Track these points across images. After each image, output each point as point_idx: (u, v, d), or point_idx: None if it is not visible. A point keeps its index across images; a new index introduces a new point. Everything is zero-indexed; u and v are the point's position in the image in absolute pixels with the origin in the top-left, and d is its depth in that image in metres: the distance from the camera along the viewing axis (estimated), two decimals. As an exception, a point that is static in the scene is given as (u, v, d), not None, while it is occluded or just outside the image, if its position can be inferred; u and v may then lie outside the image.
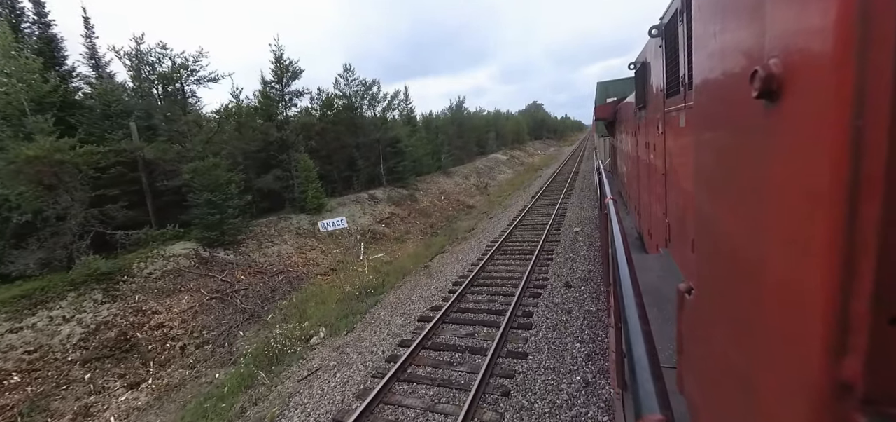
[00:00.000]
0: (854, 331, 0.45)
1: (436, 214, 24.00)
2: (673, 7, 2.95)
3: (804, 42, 0.50)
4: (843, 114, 0.43)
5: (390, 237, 19.59)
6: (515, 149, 57.65)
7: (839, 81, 0.44)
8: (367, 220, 20.43)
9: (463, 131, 42.40)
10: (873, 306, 0.44)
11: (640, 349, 0.85)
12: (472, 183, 32.31)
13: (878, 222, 0.42)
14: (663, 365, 0.87)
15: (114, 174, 13.92)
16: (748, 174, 0.70)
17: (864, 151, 0.42)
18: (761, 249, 0.65)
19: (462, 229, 19.19)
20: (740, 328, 0.75)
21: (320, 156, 23.65)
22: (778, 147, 0.58)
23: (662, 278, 2.84)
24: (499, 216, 19.17)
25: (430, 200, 25.86)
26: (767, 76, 0.56)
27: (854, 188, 0.44)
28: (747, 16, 0.67)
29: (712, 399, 0.95)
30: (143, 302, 10.74)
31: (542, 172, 36.02)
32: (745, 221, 0.72)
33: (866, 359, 0.45)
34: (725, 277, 0.84)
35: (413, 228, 21.15)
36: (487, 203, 26.27)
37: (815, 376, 0.49)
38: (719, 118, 0.86)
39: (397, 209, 22.89)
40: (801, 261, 0.52)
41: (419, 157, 29.91)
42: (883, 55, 0.40)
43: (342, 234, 18.36)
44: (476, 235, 16.32)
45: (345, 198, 22.03)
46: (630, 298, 1.11)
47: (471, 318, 7.59)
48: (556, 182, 25.84)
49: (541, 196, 21.11)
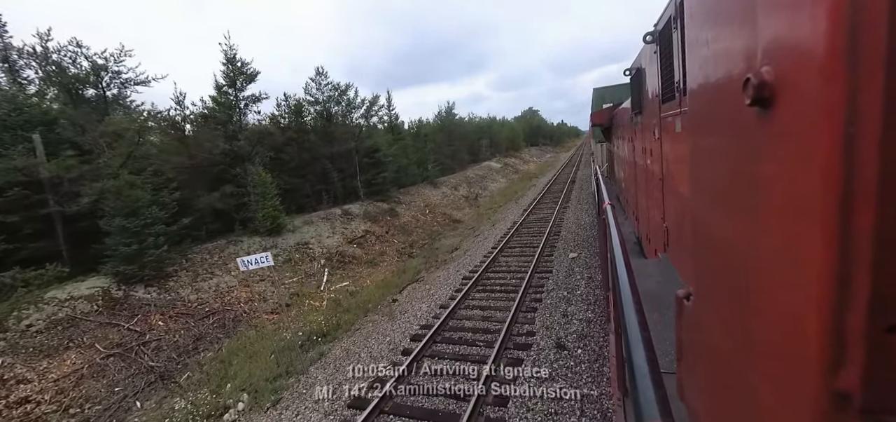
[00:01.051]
0: (850, 342, 0.45)
1: (417, 230, 21.51)
2: (667, 13, 2.96)
3: (795, 50, 0.50)
4: (835, 122, 0.43)
5: (362, 260, 17.07)
6: (510, 156, 55.40)
7: (830, 89, 0.43)
8: (336, 240, 17.91)
9: (453, 139, 40.08)
10: (869, 317, 0.43)
11: (640, 356, 0.87)
12: (461, 194, 29.90)
13: (872, 232, 0.42)
14: (664, 371, 0.89)
15: (13, 197, 11.43)
16: (742, 182, 0.70)
17: (857, 159, 0.42)
18: (757, 258, 0.65)
19: (444, 249, 16.74)
20: (738, 336, 0.75)
21: (289, 168, 21.22)
22: (771, 155, 0.58)
23: (662, 283, 2.79)
24: (485, 234, 16.74)
25: (413, 215, 23.40)
26: (760, 84, 0.56)
27: (847, 198, 0.43)
28: (739, 23, 0.67)
29: (712, 407, 0.94)
30: (8, 367, 8.18)
31: (536, 181, 33.67)
32: (740, 229, 0.72)
33: (863, 369, 0.44)
34: (723, 284, 0.83)
35: (390, 248, 18.64)
36: (476, 217, 23.83)
37: (813, 386, 0.49)
38: (713, 125, 0.86)
39: (374, 226, 20.41)
40: (796, 271, 0.52)
41: (403, 166, 27.53)
42: (873, 63, 0.40)
43: (303, 258, 15.84)
44: (456, 260, 13.85)
45: (314, 215, 19.54)
46: (629, 304, 1.13)
47: (420, 408, 5.09)
48: (550, 192, 23.45)
49: (534, 209, 18.71)
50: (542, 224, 14.91)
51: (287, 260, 15.48)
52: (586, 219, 14.81)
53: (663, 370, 0.86)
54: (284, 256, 15.61)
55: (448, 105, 41.68)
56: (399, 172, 26.57)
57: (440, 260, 14.83)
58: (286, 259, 15.52)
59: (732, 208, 0.75)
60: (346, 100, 24.28)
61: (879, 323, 0.43)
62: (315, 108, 23.20)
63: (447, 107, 41.49)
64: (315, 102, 23.19)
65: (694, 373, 1.05)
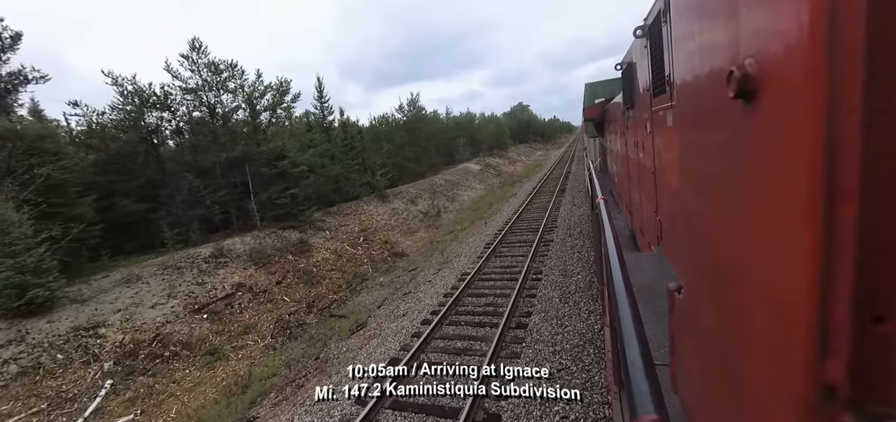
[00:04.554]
0: (835, 334, 0.45)
1: (332, 275, 14.44)
2: (657, 7, 2.95)
3: (777, 44, 0.50)
4: (817, 115, 0.43)
5: (202, 348, 10.00)
6: (495, 155, 48.43)
7: (812, 83, 0.43)
8: (169, 310, 10.76)
9: (418, 138, 33.01)
10: (853, 309, 0.44)
11: (633, 350, 0.86)
12: (419, 209, 22.85)
13: (855, 225, 0.42)
14: (659, 363, 0.88)
15: None
16: (729, 175, 0.69)
17: (839, 152, 0.42)
18: (744, 251, 0.64)
19: (352, 318, 9.83)
20: (727, 329, 0.75)
21: (125, 191, 14.10)
22: (756, 148, 0.58)
23: (656, 276, 2.75)
24: (427, 286, 9.94)
25: (335, 248, 16.34)
26: (743, 76, 0.56)
27: (830, 190, 0.43)
28: (723, 17, 0.67)
29: (704, 399, 0.95)
30: None
31: (519, 187, 26.70)
32: (728, 222, 0.72)
33: (848, 361, 0.45)
34: (712, 277, 0.84)
35: (267, 316, 11.54)
36: (428, 246, 16.81)
37: (800, 378, 0.49)
38: (700, 118, 0.86)
39: (259, 274, 13.32)
40: (782, 264, 0.52)
41: (335, 176, 20.47)
42: (854, 56, 0.40)
43: (71, 360, 8.71)
44: (354, 354, 6.98)
45: (154, 262, 12.43)
46: (623, 298, 1.12)
47: None
48: (533, 207, 16.49)
49: (506, 235, 11.93)
50: (514, 267, 8.27)
51: (32, 367, 8.34)
52: (578, 267, 7.96)
53: (658, 363, 0.84)
54: (30, 357, 8.48)
55: (412, 96, 34.51)
56: (326, 185, 19.51)
57: (331, 347, 7.96)
58: (33, 363, 8.39)
59: (720, 201, 0.76)
60: (240, 86, 17.13)
61: (864, 315, 0.43)
62: (187, 97, 16.05)
63: (410, 99, 34.29)
64: (188, 91, 16.03)
65: (686, 366, 1.07)
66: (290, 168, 16.19)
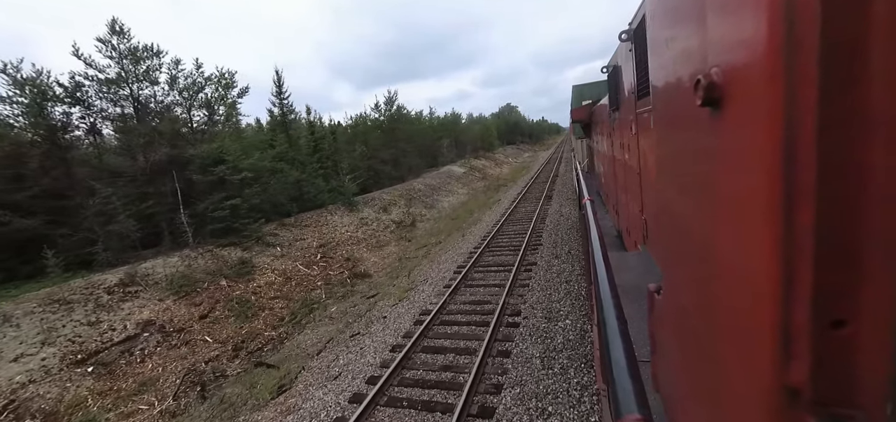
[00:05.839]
0: (797, 337, 0.46)
1: (274, 304, 11.97)
2: (641, 12, 2.97)
3: (739, 52, 0.51)
4: (775, 121, 0.44)
5: (77, 412, 7.48)
6: (481, 157, 46.29)
7: (771, 89, 0.45)
8: (41, 362, 8.16)
9: (395, 140, 30.63)
10: (813, 312, 0.44)
11: (618, 350, 0.87)
12: (392, 218, 20.47)
13: (813, 228, 0.43)
14: (643, 360, 0.93)
15: None
16: (700, 179, 0.70)
17: (797, 158, 0.43)
18: (714, 253, 0.65)
19: (283, 368, 7.51)
20: (704, 328, 0.75)
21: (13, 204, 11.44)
22: (722, 154, 0.59)
23: (641, 275, 2.73)
24: (379, 325, 7.72)
25: (286, 268, 13.88)
26: (709, 85, 0.57)
27: (789, 195, 0.44)
28: (693, 25, 0.68)
29: (683, 397, 0.96)
30: None
31: (505, 192, 24.52)
32: (700, 225, 0.73)
33: (811, 364, 0.45)
34: (687, 276, 0.85)
35: (177, 364, 9.04)
36: (396, 264, 14.49)
37: (766, 380, 0.50)
38: (674, 124, 0.88)
39: (179, 306, 10.81)
40: (746, 267, 0.53)
41: (292, 182, 17.99)
42: (809, 61, 0.41)
43: None
44: None
45: (29, 296, 9.80)
46: (608, 298, 1.13)
47: None
48: (516, 218, 14.29)
49: (482, 254, 9.71)
50: (490, 297, 5.90)
51: None
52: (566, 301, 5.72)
53: (642, 360, 0.86)
54: None
55: (390, 94, 32.09)
56: (281, 192, 17.03)
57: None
58: None
59: (693, 204, 0.76)
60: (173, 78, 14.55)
61: (823, 318, 0.44)
62: (106, 91, 13.44)
63: (388, 98, 31.87)
64: (106, 82, 13.41)
65: (666, 364, 1.07)
66: (229, 174, 13.66)
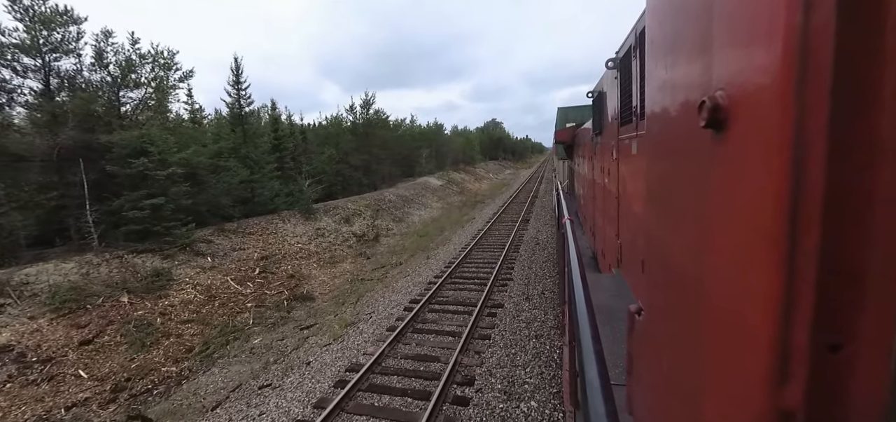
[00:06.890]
0: (794, 359, 0.46)
1: (186, 329, 9.90)
2: (627, 43, 3.03)
3: (749, 77, 0.52)
4: (784, 146, 0.45)
5: None
6: (461, 170, 44.91)
7: (781, 115, 0.45)
8: None
9: (369, 145, 28.82)
10: (812, 335, 0.44)
11: (592, 370, 0.86)
12: (354, 231, 18.57)
13: (817, 252, 0.43)
14: (615, 383, 0.90)
15: None
16: (695, 201, 0.71)
17: (804, 181, 0.43)
18: (706, 276, 0.65)
19: None
20: (686, 352, 0.75)
21: None
22: (723, 176, 0.59)
23: (615, 297, 2.80)
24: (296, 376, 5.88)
25: (213, 283, 11.81)
26: (714, 106, 0.57)
27: (794, 218, 0.44)
28: (697, 51, 0.69)
29: (660, 420, 0.96)
30: None
31: (481, 210, 23.02)
32: (691, 247, 0.73)
33: (806, 387, 0.45)
34: (673, 301, 0.85)
35: (28, 409, 6.96)
36: (346, 286, 12.63)
37: (758, 403, 0.50)
38: (669, 146, 0.88)
39: (56, 327, 8.64)
40: (744, 289, 0.53)
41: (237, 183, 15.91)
42: (820, 92, 0.42)
43: None
44: None
45: None
46: (584, 317, 1.11)
47: None
48: (488, 242, 12.70)
49: (443, 285, 8.09)
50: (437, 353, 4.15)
51: None
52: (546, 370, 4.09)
53: (614, 383, 0.85)
54: None
55: (366, 96, 30.35)
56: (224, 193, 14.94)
57: None
58: None
59: (685, 227, 0.76)
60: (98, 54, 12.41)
61: (822, 341, 0.44)
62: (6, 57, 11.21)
63: (364, 100, 30.11)
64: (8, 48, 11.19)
65: (642, 387, 1.05)
66: (152, 169, 11.57)
